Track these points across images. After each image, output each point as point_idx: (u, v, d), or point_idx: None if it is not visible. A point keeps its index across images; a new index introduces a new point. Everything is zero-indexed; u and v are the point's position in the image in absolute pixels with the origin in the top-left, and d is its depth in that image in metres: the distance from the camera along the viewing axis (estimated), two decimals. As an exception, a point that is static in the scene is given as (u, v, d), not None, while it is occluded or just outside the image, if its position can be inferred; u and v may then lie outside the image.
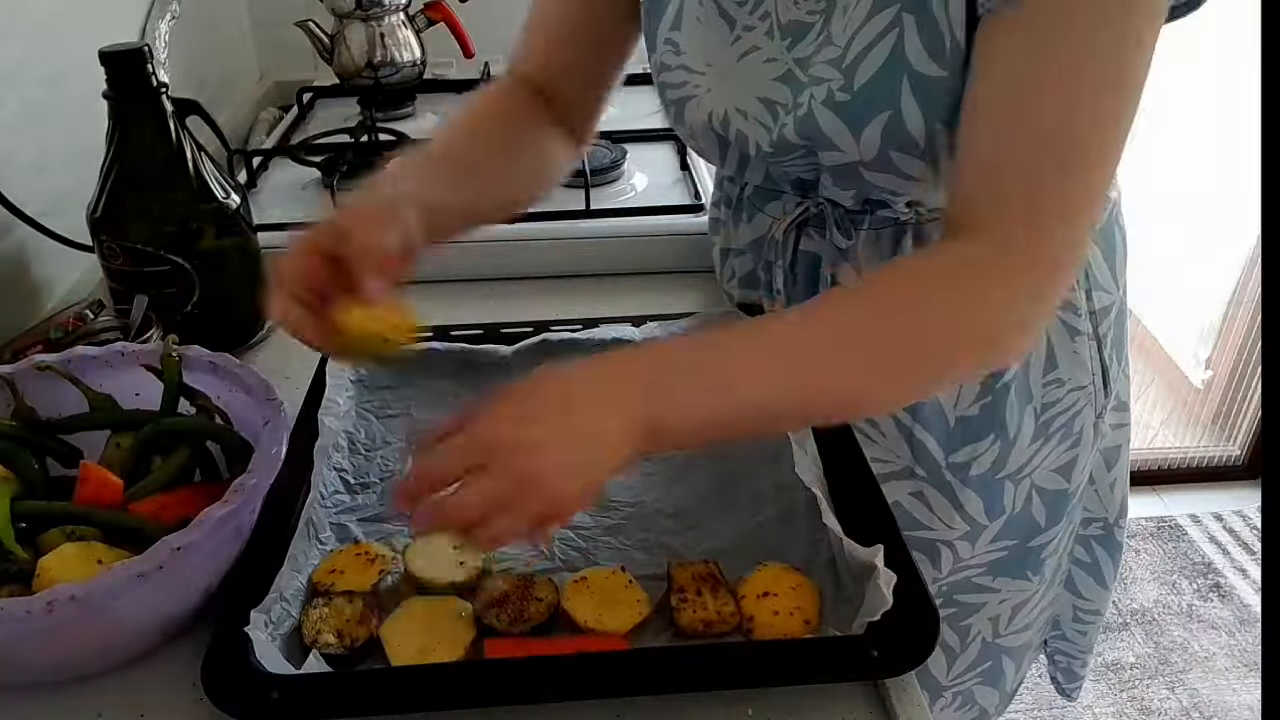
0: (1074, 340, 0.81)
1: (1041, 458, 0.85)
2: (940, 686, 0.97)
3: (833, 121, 0.67)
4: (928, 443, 0.82)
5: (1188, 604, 2.01)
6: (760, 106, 0.71)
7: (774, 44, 0.69)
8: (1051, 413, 0.83)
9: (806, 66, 0.68)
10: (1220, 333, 2.35)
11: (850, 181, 0.71)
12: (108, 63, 0.81)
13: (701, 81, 0.74)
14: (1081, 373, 0.82)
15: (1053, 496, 0.87)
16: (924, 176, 0.68)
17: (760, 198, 0.83)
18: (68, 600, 0.51)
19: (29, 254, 0.97)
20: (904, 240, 0.76)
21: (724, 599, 0.61)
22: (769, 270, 0.82)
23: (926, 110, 0.64)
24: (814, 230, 0.79)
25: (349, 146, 1.29)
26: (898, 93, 0.64)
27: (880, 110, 0.65)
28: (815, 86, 0.67)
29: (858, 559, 0.60)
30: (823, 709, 0.57)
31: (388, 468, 0.74)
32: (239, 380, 0.70)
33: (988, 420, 0.81)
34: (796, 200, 0.79)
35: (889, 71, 0.64)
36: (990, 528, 0.87)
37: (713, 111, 0.74)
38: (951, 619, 0.93)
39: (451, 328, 0.88)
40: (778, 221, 0.80)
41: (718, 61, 0.72)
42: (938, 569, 0.89)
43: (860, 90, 0.65)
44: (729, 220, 0.88)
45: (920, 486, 0.85)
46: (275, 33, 1.60)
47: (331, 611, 0.60)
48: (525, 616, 0.60)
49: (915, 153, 0.66)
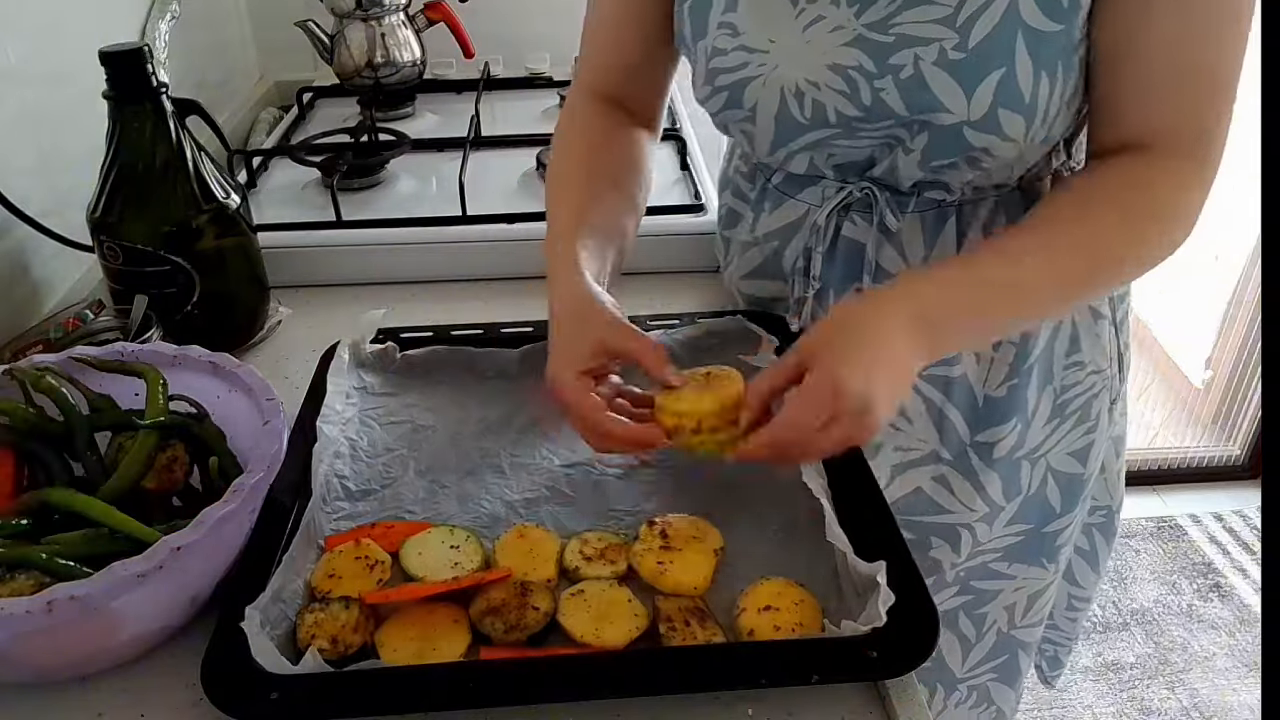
0: (1097, 323, 0.83)
1: (1057, 438, 0.86)
2: (955, 679, 0.97)
3: (945, 81, 0.67)
4: (956, 423, 0.83)
5: (1188, 604, 2.01)
6: (834, 75, 0.71)
7: (840, 11, 0.70)
8: (1069, 394, 0.84)
9: (886, 27, 0.68)
10: (1220, 333, 2.35)
11: (945, 148, 0.71)
12: (108, 63, 0.81)
13: (766, 59, 0.73)
14: (1101, 356, 0.84)
15: (1068, 480, 0.88)
16: (1019, 136, 0.69)
17: (791, 185, 0.83)
18: (68, 600, 0.51)
19: (29, 254, 0.97)
20: (947, 223, 0.77)
21: (711, 629, 0.60)
22: (807, 256, 0.82)
23: (1037, 64, 0.66)
24: (857, 215, 0.80)
25: (349, 146, 1.29)
26: (1012, 48, 0.66)
27: (995, 67, 0.66)
28: (920, 47, 0.67)
29: (861, 574, 0.60)
30: (823, 709, 0.57)
31: (389, 475, 0.74)
32: (238, 380, 0.70)
33: (1012, 402, 0.83)
34: (838, 185, 0.79)
35: (1005, 27, 0.65)
36: (1007, 509, 0.88)
37: (784, 86, 0.73)
38: (968, 606, 0.93)
39: (451, 327, 0.88)
40: (815, 208, 0.81)
41: (782, 37, 0.72)
42: (957, 553, 0.90)
43: (976, 47, 0.66)
44: (748, 212, 0.88)
45: (943, 470, 0.86)
46: (275, 33, 1.60)
47: (327, 616, 0.59)
48: (521, 625, 0.60)
49: (1020, 108, 0.67)
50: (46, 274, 0.99)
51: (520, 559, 0.65)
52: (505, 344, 0.86)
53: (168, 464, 0.67)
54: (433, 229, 1.09)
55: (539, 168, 1.24)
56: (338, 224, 1.09)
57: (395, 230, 1.09)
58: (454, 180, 1.11)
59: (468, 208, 1.10)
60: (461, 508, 0.72)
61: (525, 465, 0.75)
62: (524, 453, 0.77)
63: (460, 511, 0.71)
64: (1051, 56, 0.66)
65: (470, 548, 0.66)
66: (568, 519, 0.70)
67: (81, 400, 0.68)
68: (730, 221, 0.92)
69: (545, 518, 0.70)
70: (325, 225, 1.09)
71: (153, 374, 0.69)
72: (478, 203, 1.12)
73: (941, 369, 0.82)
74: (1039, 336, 0.81)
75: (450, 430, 0.79)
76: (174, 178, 0.86)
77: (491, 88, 1.57)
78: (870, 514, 0.66)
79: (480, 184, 1.20)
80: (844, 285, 0.82)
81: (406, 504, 0.72)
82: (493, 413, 0.81)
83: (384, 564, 0.65)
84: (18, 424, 0.66)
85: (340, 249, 1.08)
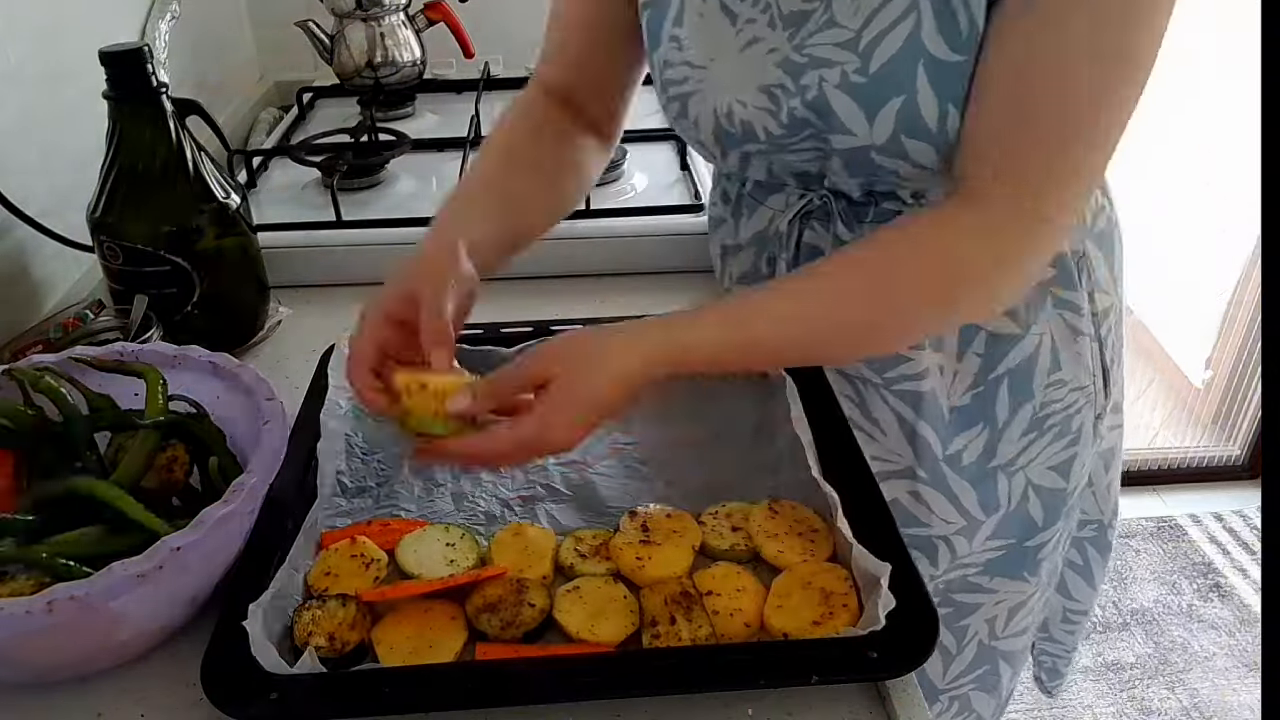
0: (1076, 341, 0.81)
1: (1035, 451, 0.85)
2: (936, 690, 0.97)
3: (846, 104, 0.67)
4: (928, 437, 0.83)
5: (1188, 604, 2.01)
6: (761, 95, 0.71)
7: (775, 34, 0.70)
8: (1049, 410, 0.83)
9: (804, 50, 0.68)
10: (1220, 333, 2.35)
11: (860, 167, 0.71)
12: (108, 63, 0.81)
13: (705, 76, 0.74)
14: (1083, 373, 0.83)
15: (1050, 495, 0.87)
16: (932, 164, 0.68)
17: (761, 192, 0.83)
18: (67, 599, 0.51)
19: (29, 254, 0.97)
20: None
21: (698, 619, 0.60)
22: (772, 264, 0.83)
23: (941, 95, 0.65)
24: (817, 223, 0.79)
25: (349, 146, 1.29)
26: (913, 77, 0.65)
27: (896, 94, 0.66)
28: (826, 69, 0.67)
29: (865, 570, 0.60)
30: (823, 709, 0.57)
31: (384, 473, 0.74)
32: (238, 380, 0.70)
33: (978, 409, 0.82)
34: (800, 193, 0.79)
35: (906, 56, 0.65)
36: (986, 523, 0.87)
37: (716, 105, 0.74)
38: (948, 619, 0.93)
39: (451, 328, 0.88)
40: (780, 214, 0.81)
41: (720, 55, 0.73)
42: (935, 566, 0.89)
43: (876, 73, 0.66)
44: (729, 217, 0.88)
45: (918, 486, 0.85)
46: (275, 33, 1.60)
47: (324, 614, 0.59)
48: (517, 621, 0.60)
49: (926, 138, 0.67)
50: (46, 274, 0.99)
51: (516, 557, 0.65)
52: (503, 344, 0.85)
53: (167, 464, 0.67)
54: (433, 229, 1.09)
55: (539, 168, 1.24)
56: (338, 224, 1.09)
57: (395, 230, 1.09)
58: (454, 180, 1.11)
59: (468, 208, 1.10)
60: (457, 506, 0.72)
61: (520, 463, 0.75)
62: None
63: (456, 510, 0.71)
64: (955, 86, 0.64)
65: (466, 546, 0.66)
66: (563, 516, 0.71)
67: (81, 400, 0.68)
68: (716, 225, 0.92)
69: (540, 515, 0.71)
70: (325, 225, 1.09)
71: (153, 374, 0.69)
72: (478, 203, 1.12)
73: (910, 384, 0.81)
74: (1008, 352, 0.80)
75: None
76: (174, 178, 0.86)
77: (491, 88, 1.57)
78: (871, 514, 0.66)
79: (480, 184, 1.20)
80: None
81: (402, 502, 0.72)
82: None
83: (380, 562, 0.65)
84: (20, 426, 0.66)
85: (340, 249, 1.08)
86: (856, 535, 0.63)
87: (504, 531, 0.68)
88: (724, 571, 0.64)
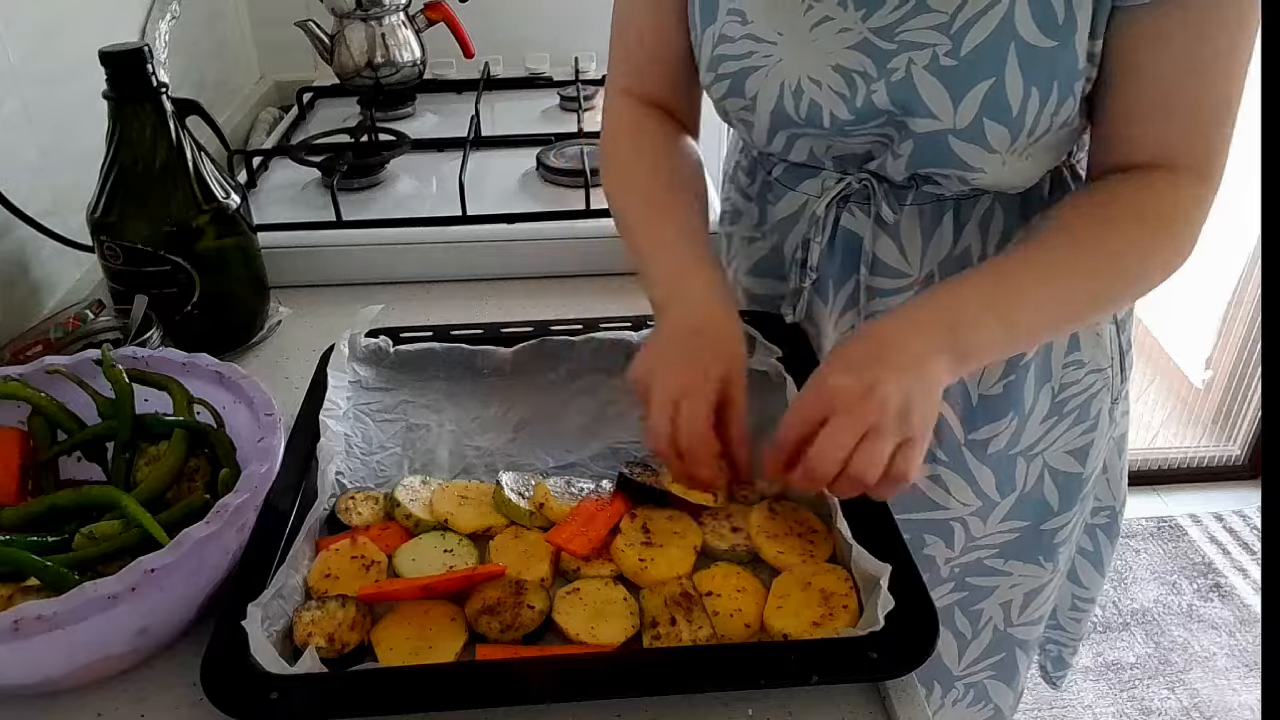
0: (1097, 323, 0.83)
1: (1054, 436, 0.86)
2: (952, 677, 0.97)
3: (934, 86, 0.68)
4: (951, 422, 0.83)
5: (1188, 604, 2.01)
6: (836, 76, 0.71)
7: (847, 14, 0.70)
8: (1068, 393, 0.85)
9: (892, 34, 0.68)
10: (1220, 333, 2.35)
11: (932, 152, 0.71)
12: (108, 63, 0.81)
13: (772, 50, 0.73)
14: (1101, 355, 0.85)
15: (1066, 479, 0.88)
16: (1004, 148, 0.69)
17: (792, 176, 0.83)
18: (34, 619, 0.50)
19: (29, 254, 0.97)
20: (944, 217, 0.77)
21: (699, 620, 0.60)
22: (805, 247, 0.83)
23: (1027, 78, 0.66)
24: (855, 206, 0.80)
25: (349, 146, 1.29)
26: (1003, 60, 0.66)
27: (985, 77, 0.66)
28: (915, 51, 0.68)
29: (865, 571, 0.60)
30: (823, 709, 0.57)
31: (383, 473, 0.74)
32: (242, 392, 0.70)
33: (1008, 398, 0.83)
34: (837, 176, 0.79)
35: (997, 39, 0.65)
36: (1001, 505, 0.88)
37: (785, 80, 0.73)
38: (964, 603, 0.93)
39: (451, 327, 0.88)
40: (815, 199, 0.81)
41: (789, 30, 0.72)
42: (951, 548, 0.90)
43: (967, 55, 0.66)
44: (751, 205, 0.88)
45: (938, 469, 0.86)
46: (275, 33, 1.61)
47: (324, 615, 0.59)
48: (517, 623, 0.60)
49: (1007, 121, 0.67)
50: (46, 274, 0.99)
51: (515, 559, 0.65)
52: (503, 344, 0.85)
53: (189, 475, 0.67)
54: (433, 229, 1.09)
55: (539, 168, 1.24)
56: (338, 224, 1.09)
57: (395, 230, 1.09)
58: (454, 180, 1.11)
59: (468, 208, 1.10)
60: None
61: (520, 465, 0.75)
62: (519, 452, 0.77)
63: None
64: (1044, 73, 0.66)
65: (464, 549, 0.66)
66: (564, 518, 0.70)
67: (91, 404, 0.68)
68: (733, 218, 0.92)
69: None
70: (325, 225, 1.09)
71: (176, 386, 0.69)
72: (478, 203, 1.12)
73: None
74: None
75: (445, 429, 0.79)
76: (174, 178, 0.86)
77: (491, 88, 1.57)
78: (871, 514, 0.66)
79: (480, 184, 1.21)
80: (841, 277, 0.82)
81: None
82: (488, 411, 0.81)
83: (380, 564, 0.65)
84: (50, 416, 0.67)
85: (340, 249, 1.08)
86: (856, 536, 0.63)
87: (503, 534, 0.67)
88: (724, 572, 0.64)
